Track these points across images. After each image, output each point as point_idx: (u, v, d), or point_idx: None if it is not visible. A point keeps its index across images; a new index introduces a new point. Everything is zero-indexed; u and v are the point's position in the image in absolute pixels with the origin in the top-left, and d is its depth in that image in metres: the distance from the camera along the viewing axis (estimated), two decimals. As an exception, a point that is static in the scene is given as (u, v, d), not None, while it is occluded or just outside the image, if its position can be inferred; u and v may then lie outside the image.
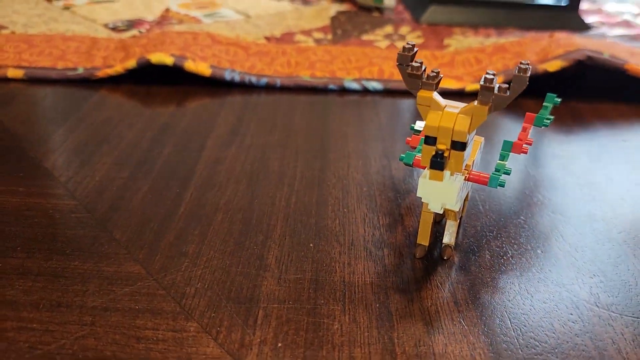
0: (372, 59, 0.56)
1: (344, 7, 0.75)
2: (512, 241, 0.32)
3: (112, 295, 0.28)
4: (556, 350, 0.25)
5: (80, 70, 0.52)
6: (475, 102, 0.26)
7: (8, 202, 0.34)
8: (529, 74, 0.25)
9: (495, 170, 0.29)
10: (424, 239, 0.31)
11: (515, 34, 0.66)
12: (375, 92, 0.52)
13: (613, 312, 0.27)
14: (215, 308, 0.27)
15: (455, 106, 0.27)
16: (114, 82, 0.52)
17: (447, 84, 0.52)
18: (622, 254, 0.32)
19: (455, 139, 0.26)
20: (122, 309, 0.27)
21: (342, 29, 0.66)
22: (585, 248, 0.32)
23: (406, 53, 0.27)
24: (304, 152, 0.41)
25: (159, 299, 0.27)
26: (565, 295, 0.28)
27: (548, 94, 0.33)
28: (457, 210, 0.29)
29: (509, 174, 0.29)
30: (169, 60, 0.51)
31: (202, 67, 0.51)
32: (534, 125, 0.32)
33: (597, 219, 0.35)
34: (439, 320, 0.27)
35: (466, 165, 0.29)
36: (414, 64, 0.26)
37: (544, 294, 0.28)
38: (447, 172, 0.27)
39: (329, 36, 0.64)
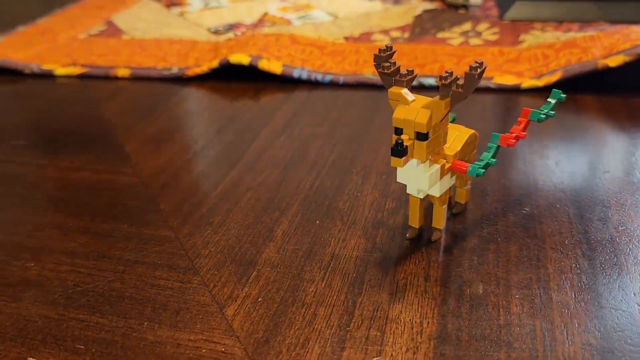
0: (437, 56, 0.58)
1: (432, 5, 0.77)
2: (507, 230, 0.34)
3: (143, 252, 0.34)
4: (504, 330, 0.27)
5: (175, 70, 0.61)
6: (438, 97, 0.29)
7: (88, 178, 0.43)
8: (479, 72, 0.28)
9: (479, 160, 0.32)
10: (413, 221, 0.34)
11: (603, 27, 0.64)
12: (431, 88, 0.54)
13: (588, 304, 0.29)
14: (219, 267, 0.33)
15: (422, 101, 0.29)
16: (201, 79, 0.60)
17: (504, 80, 0.53)
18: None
19: (417, 130, 0.29)
20: (148, 262, 0.33)
21: (421, 27, 0.69)
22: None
23: (381, 54, 0.30)
24: (342, 143, 0.45)
25: (178, 257, 0.34)
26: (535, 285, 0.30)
27: (553, 89, 0.34)
28: (437, 195, 0.32)
29: (490, 165, 0.31)
30: (245, 60, 0.57)
31: (274, 66, 0.57)
32: (530, 119, 0.33)
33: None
34: (404, 292, 0.30)
35: (447, 156, 0.32)
36: (385, 64, 0.30)
37: (515, 277, 0.30)
38: (414, 160, 0.30)
39: (406, 34, 0.67)
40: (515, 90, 0.52)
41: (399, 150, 0.28)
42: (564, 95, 0.34)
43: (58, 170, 0.44)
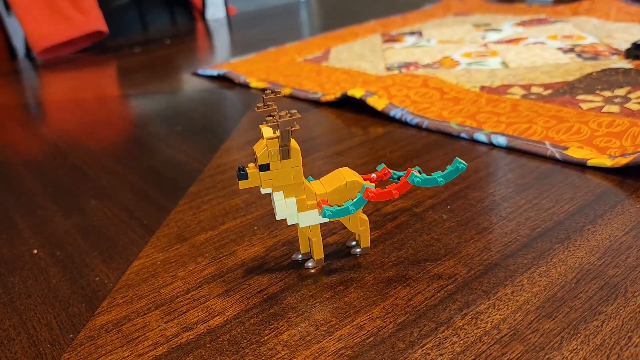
0: (535, 118, 0.55)
1: (629, 65, 0.69)
2: (361, 280, 0.35)
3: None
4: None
5: (318, 95, 0.71)
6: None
7: (185, 161, 0.57)
8: (280, 122, 0.31)
9: (342, 206, 0.35)
10: (301, 246, 0.38)
11: None
12: (501, 148, 0.52)
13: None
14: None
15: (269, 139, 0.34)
16: (341, 104, 0.69)
17: (575, 153, 0.48)
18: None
19: (258, 162, 0.34)
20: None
21: (575, 86, 0.64)
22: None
23: (264, 96, 0.36)
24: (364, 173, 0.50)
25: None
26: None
27: (456, 158, 0.34)
28: (300, 227, 0.36)
29: (348, 212, 0.34)
30: (359, 93, 0.64)
31: (379, 103, 0.63)
32: (407, 180, 0.34)
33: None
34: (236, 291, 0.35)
35: (316, 194, 0.36)
36: (259, 104, 0.35)
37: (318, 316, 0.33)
38: (280, 192, 0.35)
39: (548, 92, 0.63)
40: (581, 166, 0.47)
41: (239, 174, 0.34)
42: (463, 165, 0.34)
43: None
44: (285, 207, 0.35)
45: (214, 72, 0.87)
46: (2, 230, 0.46)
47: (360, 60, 0.84)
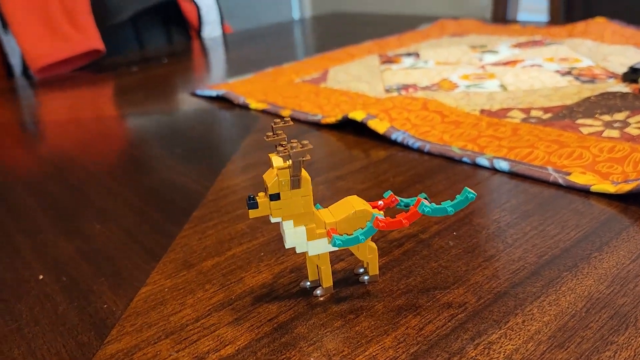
0: (536, 142, 0.56)
1: (627, 89, 0.70)
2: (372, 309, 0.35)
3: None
4: None
5: (318, 117, 0.72)
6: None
7: (186, 184, 0.57)
8: (296, 152, 0.32)
9: (352, 235, 0.35)
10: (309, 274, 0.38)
11: None
12: (503, 173, 0.53)
13: None
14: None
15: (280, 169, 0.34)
16: (341, 127, 0.69)
17: (577, 178, 0.48)
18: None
19: (269, 191, 0.34)
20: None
21: (575, 109, 0.65)
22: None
23: (274, 125, 0.36)
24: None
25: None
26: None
27: (465, 187, 0.34)
28: (309, 255, 0.36)
29: (358, 240, 0.34)
30: (360, 116, 0.65)
31: (380, 126, 0.63)
32: (417, 209, 0.34)
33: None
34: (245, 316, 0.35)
35: (325, 223, 0.36)
36: (269, 133, 0.35)
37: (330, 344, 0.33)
38: (290, 221, 0.35)
39: (547, 115, 0.64)
40: (585, 191, 0.48)
41: (250, 203, 0.34)
42: (472, 195, 0.34)
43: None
44: (294, 236, 0.35)
45: (213, 93, 0.87)
46: (4, 254, 0.46)
47: (359, 81, 0.85)
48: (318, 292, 0.37)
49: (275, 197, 0.34)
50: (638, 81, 0.70)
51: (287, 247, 0.35)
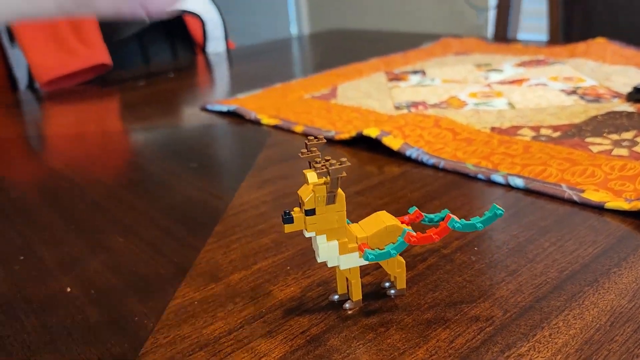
0: (548, 160, 0.57)
1: (631, 108, 0.72)
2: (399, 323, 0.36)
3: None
4: None
5: (332, 133, 0.73)
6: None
7: (206, 199, 0.58)
8: (335, 169, 0.33)
9: (384, 250, 0.36)
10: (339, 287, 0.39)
11: None
12: (518, 190, 0.54)
13: None
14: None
15: (316, 184, 0.35)
16: (354, 143, 0.70)
17: (592, 195, 0.49)
18: None
19: (305, 207, 0.35)
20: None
21: (583, 128, 0.66)
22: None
23: (307, 142, 0.37)
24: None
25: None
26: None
27: (493, 204, 0.36)
28: (341, 269, 0.37)
29: (389, 255, 0.35)
30: (374, 133, 0.66)
31: (395, 143, 0.64)
32: (447, 225, 0.35)
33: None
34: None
35: (357, 237, 0.37)
36: (304, 149, 0.36)
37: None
38: (323, 236, 0.36)
39: (557, 134, 0.65)
40: (599, 208, 0.49)
41: (285, 218, 0.35)
42: (501, 211, 0.35)
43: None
44: (327, 250, 0.36)
45: (224, 108, 0.88)
46: (31, 266, 0.47)
47: (368, 98, 0.86)
48: (347, 305, 0.37)
49: (311, 212, 0.35)
50: (643, 101, 0.71)
51: (319, 261, 0.36)
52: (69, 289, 0.43)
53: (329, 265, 0.36)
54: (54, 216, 0.56)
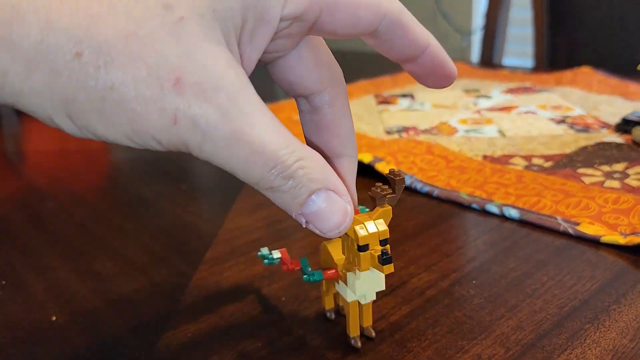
0: (542, 191, 0.57)
1: (620, 139, 0.73)
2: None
3: (159, 281, 0.46)
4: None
5: (323, 157, 0.72)
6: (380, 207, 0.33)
7: (195, 223, 0.57)
8: (402, 177, 0.32)
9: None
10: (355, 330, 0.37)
11: None
12: (513, 221, 0.54)
13: None
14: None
15: (360, 217, 0.34)
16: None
17: (587, 229, 0.49)
18: None
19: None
20: (153, 288, 0.45)
21: (574, 158, 0.67)
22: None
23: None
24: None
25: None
26: None
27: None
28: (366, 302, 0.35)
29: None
30: (367, 159, 0.66)
31: (388, 169, 0.64)
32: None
33: None
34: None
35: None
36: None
37: None
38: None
39: (549, 164, 0.66)
40: (594, 242, 0.49)
41: (384, 259, 0.31)
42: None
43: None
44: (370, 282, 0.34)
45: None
46: (16, 293, 0.45)
47: (359, 121, 0.86)
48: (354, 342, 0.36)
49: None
50: (631, 132, 0.72)
51: (354, 299, 0.34)
52: (54, 318, 0.41)
53: (364, 302, 0.35)
54: (40, 239, 0.55)
